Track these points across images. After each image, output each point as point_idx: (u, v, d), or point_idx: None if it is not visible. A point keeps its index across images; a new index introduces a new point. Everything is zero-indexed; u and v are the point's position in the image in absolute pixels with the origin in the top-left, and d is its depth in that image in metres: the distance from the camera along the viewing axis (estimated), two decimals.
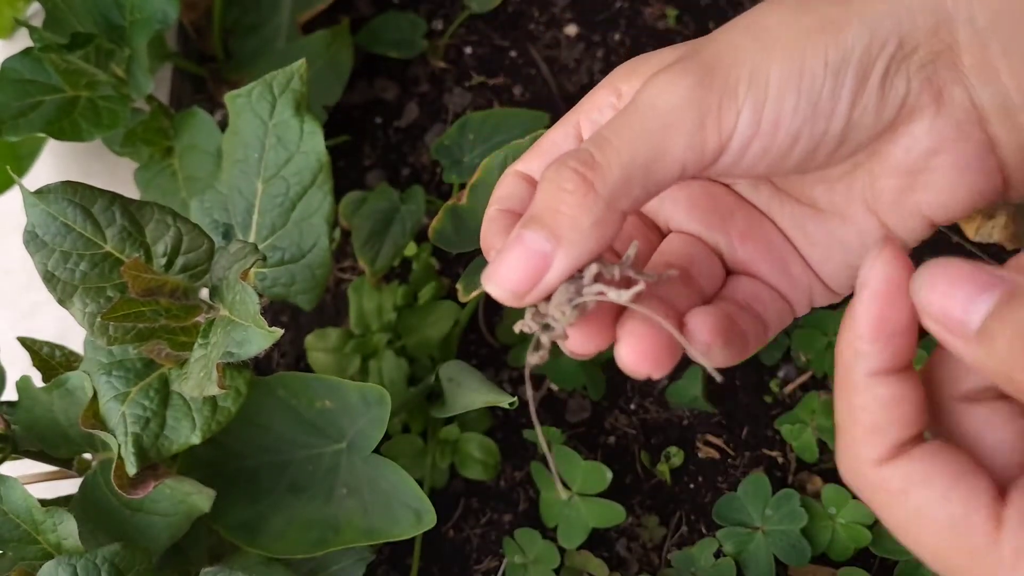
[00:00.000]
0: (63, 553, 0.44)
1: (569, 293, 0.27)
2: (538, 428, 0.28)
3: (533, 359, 0.27)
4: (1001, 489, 0.22)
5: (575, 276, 0.27)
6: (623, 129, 0.26)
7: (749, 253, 0.31)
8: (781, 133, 0.26)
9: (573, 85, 0.75)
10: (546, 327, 0.27)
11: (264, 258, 0.46)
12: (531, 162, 0.32)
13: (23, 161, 0.62)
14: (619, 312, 0.27)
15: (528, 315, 0.27)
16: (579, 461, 0.58)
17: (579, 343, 0.27)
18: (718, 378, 0.25)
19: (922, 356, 0.48)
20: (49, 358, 0.50)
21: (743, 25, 0.27)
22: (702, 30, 0.75)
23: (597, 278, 0.27)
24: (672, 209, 0.32)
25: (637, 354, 0.26)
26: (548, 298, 0.27)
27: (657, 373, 0.27)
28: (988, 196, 0.27)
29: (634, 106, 0.26)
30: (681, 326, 0.28)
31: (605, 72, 0.53)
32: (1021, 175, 0.27)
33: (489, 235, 0.30)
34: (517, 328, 0.28)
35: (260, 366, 0.68)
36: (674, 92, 0.26)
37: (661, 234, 0.33)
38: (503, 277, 0.26)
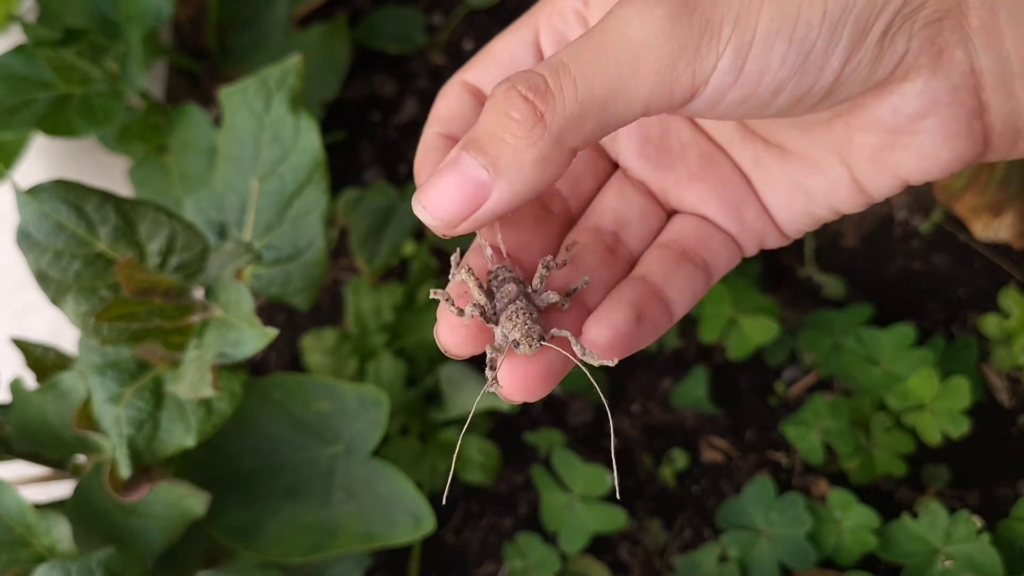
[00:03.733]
0: (57, 556, 0.43)
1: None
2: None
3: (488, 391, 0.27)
4: None
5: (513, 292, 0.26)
6: (585, 56, 0.23)
7: (700, 194, 0.30)
8: (764, 84, 0.24)
9: None
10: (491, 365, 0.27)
11: (259, 257, 0.45)
12: (480, 71, 0.30)
13: (10, 156, 0.61)
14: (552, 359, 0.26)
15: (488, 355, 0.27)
16: (580, 464, 0.57)
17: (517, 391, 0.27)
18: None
19: None
20: (42, 359, 0.50)
21: None
22: None
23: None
24: (625, 140, 0.31)
25: (514, 385, 0.26)
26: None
27: (533, 399, 0.26)
28: (968, 161, 0.26)
29: (601, 30, 0.24)
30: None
31: None
32: (1003, 142, 0.26)
33: (424, 164, 0.28)
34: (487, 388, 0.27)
35: (256, 367, 0.67)
36: (649, 22, 0.23)
37: (610, 162, 0.31)
38: (435, 202, 0.25)
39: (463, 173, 0.24)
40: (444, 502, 0.58)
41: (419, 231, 0.66)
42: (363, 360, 0.62)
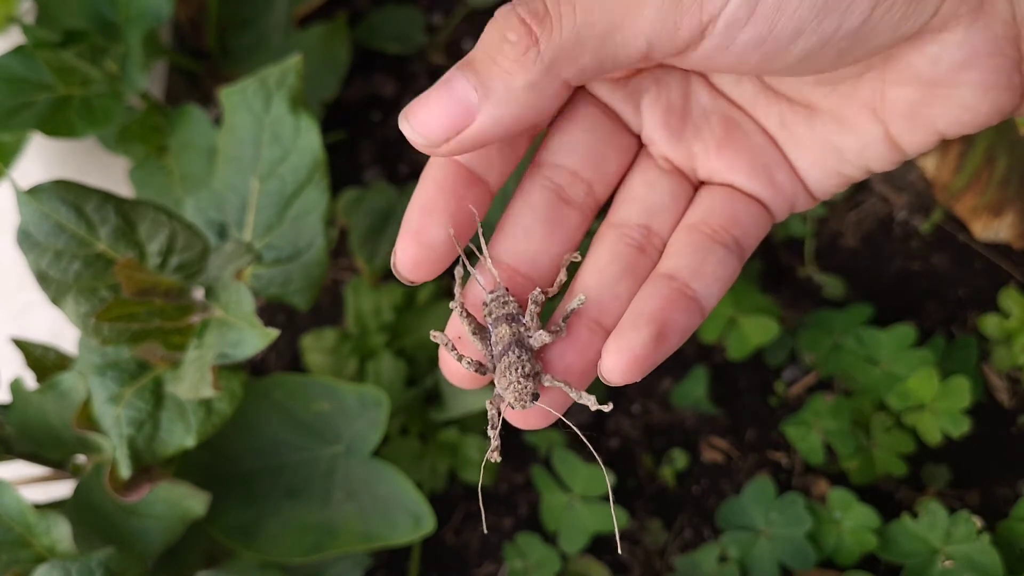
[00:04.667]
0: (57, 557, 0.43)
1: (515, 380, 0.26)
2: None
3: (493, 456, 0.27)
4: None
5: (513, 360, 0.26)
6: None
7: (727, 161, 0.28)
8: (781, 24, 0.22)
9: None
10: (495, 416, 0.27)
11: (259, 257, 0.45)
12: None
13: (8, 155, 0.61)
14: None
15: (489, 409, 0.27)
16: (580, 464, 0.57)
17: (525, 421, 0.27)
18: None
19: None
20: (42, 359, 0.50)
21: None
22: None
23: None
24: (647, 111, 0.29)
25: (516, 421, 0.27)
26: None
27: (536, 428, 0.27)
28: (1007, 114, 0.25)
29: None
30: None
31: None
32: None
33: (420, 193, 0.27)
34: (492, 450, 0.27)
35: (256, 367, 0.67)
36: None
37: (632, 136, 0.30)
38: (421, 118, 0.24)
39: (452, 92, 0.24)
40: (486, 532, 0.58)
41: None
42: (363, 360, 0.62)
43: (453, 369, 0.27)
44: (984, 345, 0.60)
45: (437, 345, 0.27)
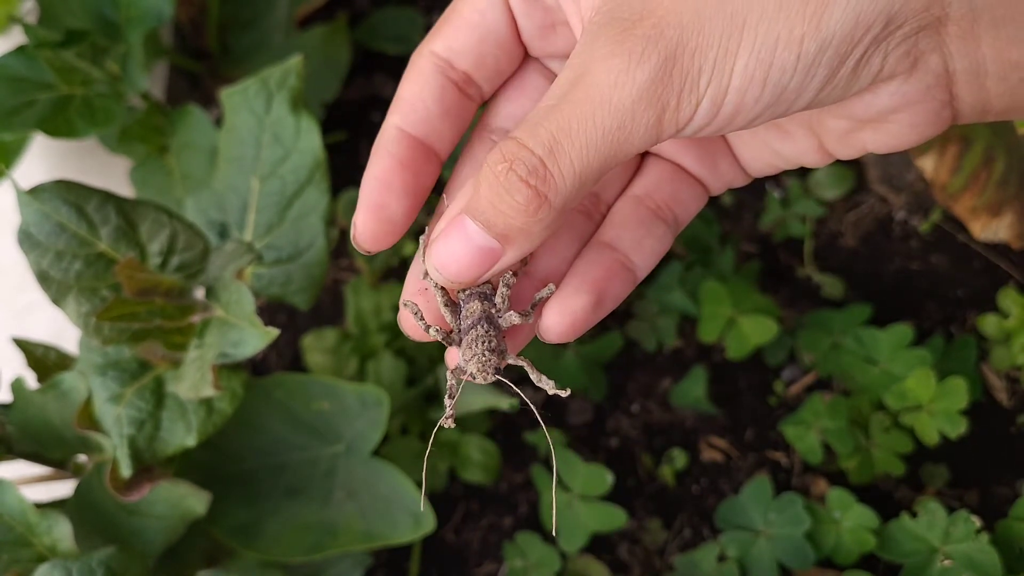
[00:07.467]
0: (58, 556, 0.43)
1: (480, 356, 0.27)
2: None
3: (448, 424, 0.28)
4: None
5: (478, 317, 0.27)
6: (576, 130, 0.24)
7: (677, 144, 0.31)
8: (739, 119, 0.25)
9: None
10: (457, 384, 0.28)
11: (260, 257, 0.45)
12: (450, 38, 0.30)
13: (11, 155, 0.61)
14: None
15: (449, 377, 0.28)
16: (580, 464, 0.57)
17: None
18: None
19: None
20: (43, 359, 0.50)
21: None
22: None
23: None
24: None
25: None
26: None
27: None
28: (932, 137, 0.27)
29: (585, 96, 0.24)
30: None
31: None
32: (968, 119, 0.27)
33: (378, 154, 0.29)
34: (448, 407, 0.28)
35: (256, 367, 0.67)
36: (632, 85, 0.24)
37: None
38: (448, 266, 0.26)
39: (472, 242, 0.26)
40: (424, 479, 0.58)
41: (419, 232, 0.66)
42: (363, 360, 0.62)
43: (411, 326, 0.28)
44: (983, 345, 0.60)
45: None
